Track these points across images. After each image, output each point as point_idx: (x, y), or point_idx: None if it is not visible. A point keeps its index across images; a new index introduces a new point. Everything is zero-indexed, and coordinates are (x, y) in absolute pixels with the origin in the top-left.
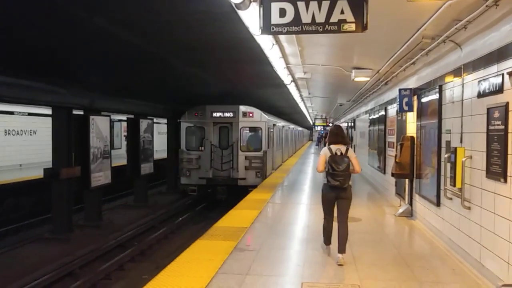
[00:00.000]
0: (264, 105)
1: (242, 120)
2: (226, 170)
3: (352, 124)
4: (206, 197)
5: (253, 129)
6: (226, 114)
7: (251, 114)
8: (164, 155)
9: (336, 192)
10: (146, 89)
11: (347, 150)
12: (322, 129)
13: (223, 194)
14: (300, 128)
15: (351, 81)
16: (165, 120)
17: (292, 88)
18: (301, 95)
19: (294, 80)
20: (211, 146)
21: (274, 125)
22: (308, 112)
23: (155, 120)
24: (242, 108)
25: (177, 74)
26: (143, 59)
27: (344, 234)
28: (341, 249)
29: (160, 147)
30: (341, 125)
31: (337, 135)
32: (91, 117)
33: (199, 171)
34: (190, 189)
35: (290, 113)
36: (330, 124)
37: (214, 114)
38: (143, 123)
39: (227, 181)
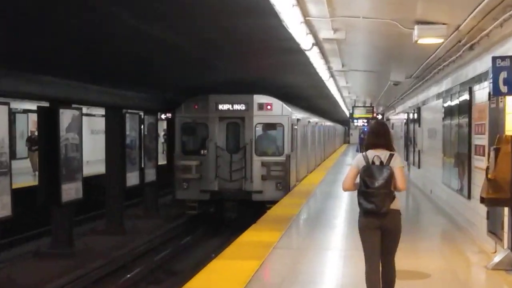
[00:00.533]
0: (265, 83)
1: (257, 114)
2: (237, 180)
3: (415, 115)
4: (206, 219)
5: (272, 126)
6: (236, 107)
7: (269, 106)
8: (101, 168)
9: (376, 220)
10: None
11: (390, 158)
12: (365, 124)
13: (232, 213)
14: (329, 123)
15: (412, 45)
16: (100, 110)
17: (314, 56)
18: (329, 68)
19: (317, 43)
20: (216, 149)
21: (298, 120)
22: (342, 97)
23: (86, 110)
24: (258, 98)
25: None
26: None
27: (390, 275)
28: None
29: (93, 156)
30: (396, 117)
31: (378, 135)
32: None
33: (201, 182)
34: (188, 206)
35: (311, 97)
36: (379, 117)
37: (220, 107)
38: (65, 116)
39: (238, 195)
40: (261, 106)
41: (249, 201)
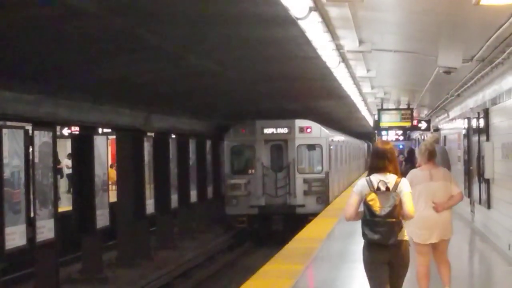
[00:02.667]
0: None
1: (298, 136)
2: (282, 196)
3: (481, 123)
4: (250, 235)
5: (312, 147)
6: (280, 130)
7: (309, 129)
8: None
9: (383, 253)
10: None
11: (397, 182)
12: (400, 137)
13: (279, 225)
14: (350, 140)
15: (472, 8)
16: None
17: (313, 28)
18: (338, 48)
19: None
20: (262, 168)
21: (332, 140)
22: (361, 94)
23: None
24: (299, 122)
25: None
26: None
27: None
28: None
29: None
30: (450, 126)
31: (384, 158)
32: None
33: (249, 198)
34: (238, 220)
35: (318, 97)
36: (422, 125)
37: (266, 131)
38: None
39: (283, 209)
40: (301, 129)
41: (293, 214)
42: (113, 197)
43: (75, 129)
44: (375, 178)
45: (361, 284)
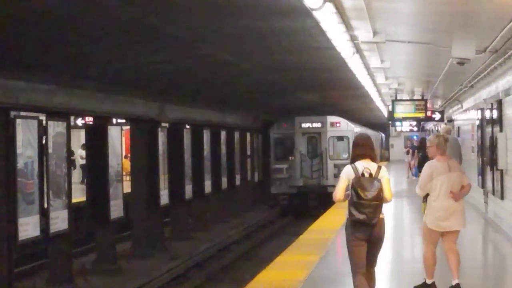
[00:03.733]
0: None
1: (330, 129)
2: (316, 178)
3: (495, 114)
4: (293, 208)
5: (340, 138)
6: (315, 125)
7: (338, 124)
8: None
9: (365, 231)
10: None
11: (378, 169)
12: (414, 128)
13: (314, 201)
14: (369, 132)
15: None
16: None
17: (328, 19)
18: (353, 38)
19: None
20: (300, 155)
21: (356, 132)
22: (375, 85)
23: None
24: (330, 118)
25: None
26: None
27: (372, 281)
28: None
29: None
30: (463, 117)
31: (364, 147)
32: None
33: (290, 179)
34: (281, 197)
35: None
36: (436, 116)
37: (303, 125)
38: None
39: (317, 188)
40: (332, 124)
41: (326, 193)
42: (126, 187)
43: (89, 120)
44: (359, 165)
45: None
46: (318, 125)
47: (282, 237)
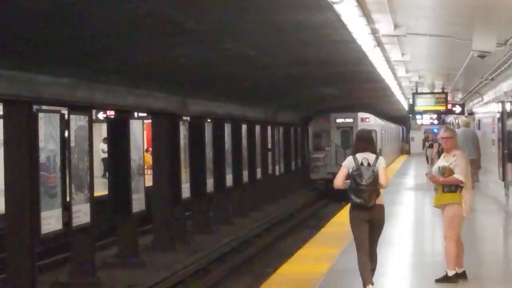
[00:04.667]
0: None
1: (360, 124)
2: None
3: None
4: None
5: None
6: (347, 120)
7: (367, 119)
8: None
9: (364, 213)
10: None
11: (376, 159)
12: (435, 121)
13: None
14: (392, 125)
15: None
16: None
17: (349, 12)
18: (374, 32)
19: None
20: (335, 146)
21: (383, 126)
22: (396, 78)
23: None
24: (360, 114)
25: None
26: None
27: (373, 261)
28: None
29: None
30: (484, 110)
31: (365, 140)
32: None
33: (326, 167)
34: (319, 182)
35: (342, 75)
36: (457, 109)
37: (337, 120)
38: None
39: None
40: (362, 119)
41: None
42: (148, 181)
43: (111, 113)
44: (359, 156)
45: (396, 268)
46: (350, 120)
47: (303, 230)
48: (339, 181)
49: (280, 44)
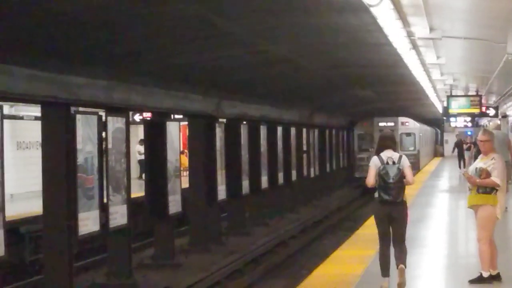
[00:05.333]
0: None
1: (400, 127)
2: None
3: None
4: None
5: (408, 134)
6: (389, 124)
7: (407, 123)
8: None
9: (388, 209)
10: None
11: (400, 158)
12: (469, 124)
13: None
14: (428, 128)
15: None
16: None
17: (385, 15)
18: (409, 34)
19: None
20: None
21: (420, 129)
22: (431, 81)
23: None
24: (401, 118)
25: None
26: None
27: (402, 251)
28: (402, 261)
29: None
30: None
31: (387, 139)
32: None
33: None
34: (363, 180)
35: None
36: (491, 112)
37: (380, 124)
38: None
39: None
40: (402, 123)
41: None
42: (183, 183)
43: (147, 115)
44: (384, 155)
45: (430, 270)
46: (392, 124)
47: (338, 232)
48: (372, 180)
49: (316, 46)
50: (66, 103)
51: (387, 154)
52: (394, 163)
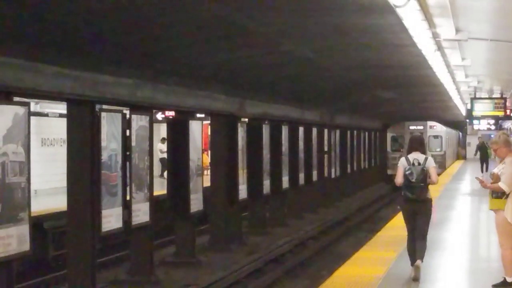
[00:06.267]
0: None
1: (429, 130)
2: (419, 164)
3: None
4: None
5: (436, 137)
6: (419, 127)
7: (435, 127)
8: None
9: (412, 206)
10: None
11: (425, 159)
12: (492, 126)
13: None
14: (453, 131)
15: None
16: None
17: (411, 16)
18: (435, 36)
19: None
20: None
21: (447, 132)
22: (454, 83)
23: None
24: (429, 123)
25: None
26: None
27: (422, 247)
28: (420, 256)
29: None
30: None
31: (415, 142)
32: None
33: None
34: (395, 177)
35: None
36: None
37: (410, 127)
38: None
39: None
40: (431, 126)
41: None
42: (204, 182)
43: (169, 114)
44: (411, 156)
45: (451, 273)
46: (421, 127)
47: (358, 233)
48: (400, 179)
49: (341, 47)
50: (91, 101)
51: (414, 155)
52: (419, 164)
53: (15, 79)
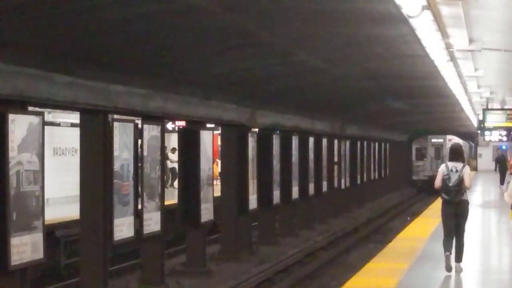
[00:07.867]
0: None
1: (448, 143)
2: None
3: None
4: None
5: None
6: (439, 140)
7: (453, 140)
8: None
9: (451, 207)
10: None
11: (462, 167)
12: (504, 138)
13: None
14: (466, 144)
15: None
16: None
17: (424, 26)
18: (448, 46)
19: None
20: (430, 158)
21: (465, 145)
22: (467, 93)
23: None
24: (448, 136)
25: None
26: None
27: (460, 245)
28: (458, 258)
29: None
30: None
31: (455, 153)
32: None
33: (424, 171)
34: (419, 182)
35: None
36: None
37: (432, 140)
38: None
39: None
40: (449, 140)
41: None
42: (214, 191)
43: (180, 124)
44: (450, 164)
45: (461, 284)
46: (441, 140)
47: (368, 244)
48: (438, 182)
49: (352, 57)
50: (104, 111)
51: (453, 163)
52: (457, 171)
53: (30, 89)
